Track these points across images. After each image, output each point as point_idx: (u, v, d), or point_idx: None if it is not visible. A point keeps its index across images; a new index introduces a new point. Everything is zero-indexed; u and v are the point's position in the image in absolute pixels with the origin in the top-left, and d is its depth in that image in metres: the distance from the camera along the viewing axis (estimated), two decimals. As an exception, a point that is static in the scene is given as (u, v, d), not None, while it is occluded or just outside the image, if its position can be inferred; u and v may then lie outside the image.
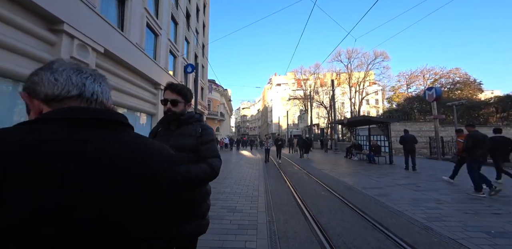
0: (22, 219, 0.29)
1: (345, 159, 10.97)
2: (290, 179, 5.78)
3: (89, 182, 0.35)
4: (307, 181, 5.69)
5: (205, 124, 1.29)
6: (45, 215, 0.30)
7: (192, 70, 7.52)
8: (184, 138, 1.18)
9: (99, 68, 6.60)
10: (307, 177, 6.17)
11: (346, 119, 10.57)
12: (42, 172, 0.32)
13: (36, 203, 0.30)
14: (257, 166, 8.49)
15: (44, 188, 0.31)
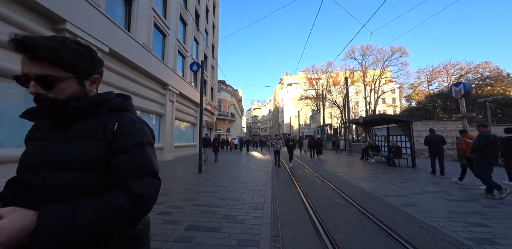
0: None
1: (361, 161, 10.21)
2: (301, 183, 5.30)
3: None
4: (319, 186, 5.17)
5: (128, 116, 0.70)
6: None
7: (197, 68, 7.29)
8: (76, 145, 0.62)
9: (104, 68, 6.55)
10: (319, 181, 5.65)
11: (362, 118, 9.82)
12: None
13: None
14: (266, 168, 8.07)
15: None
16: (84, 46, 0.68)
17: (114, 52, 6.69)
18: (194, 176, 6.15)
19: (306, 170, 7.74)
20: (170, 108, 11.04)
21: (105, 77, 6.51)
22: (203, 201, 3.71)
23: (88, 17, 5.62)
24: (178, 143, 12.66)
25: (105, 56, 6.48)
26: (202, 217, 2.97)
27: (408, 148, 8.11)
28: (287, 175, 6.77)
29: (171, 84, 10.80)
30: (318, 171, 7.48)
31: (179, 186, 4.87)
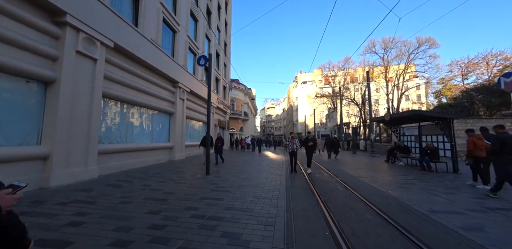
0: None
1: (386, 164, 9.09)
2: (320, 191, 4.56)
3: None
4: (342, 194, 4.39)
5: None
6: None
7: (205, 62, 6.81)
8: None
9: (109, 64, 6.32)
10: (341, 189, 4.85)
11: (388, 115, 8.69)
12: None
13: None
14: (279, 171, 7.39)
15: None
16: None
17: (119, 47, 6.43)
18: (201, 179, 5.66)
19: (325, 173, 6.93)
20: (181, 107, 10.77)
21: (110, 73, 6.27)
22: (204, 211, 3.16)
23: (91, 10, 5.35)
24: (190, 142, 12.41)
25: (110, 51, 6.23)
26: (199, 234, 2.40)
27: (447, 150, 6.93)
28: (303, 179, 6.04)
29: (181, 82, 10.51)
30: (338, 174, 6.64)
31: (183, 190, 4.39)
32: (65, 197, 3.75)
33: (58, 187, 4.41)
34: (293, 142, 7.13)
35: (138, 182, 5.04)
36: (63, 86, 4.70)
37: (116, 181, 5.16)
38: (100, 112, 5.77)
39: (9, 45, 3.97)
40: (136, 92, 7.55)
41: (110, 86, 6.34)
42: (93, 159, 5.39)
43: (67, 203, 3.38)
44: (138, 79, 7.70)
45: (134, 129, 7.75)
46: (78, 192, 4.07)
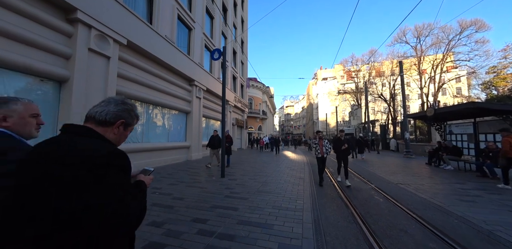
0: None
1: (429, 167, 7.77)
2: (354, 201, 3.78)
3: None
4: (384, 207, 3.57)
5: None
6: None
7: (219, 56, 6.37)
8: None
9: (122, 62, 6.18)
10: (381, 200, 4.00)
11: (432, 110, 7.38)
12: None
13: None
14: (301, 173, 6.67)
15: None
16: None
17: (133, 44, 6.27)
18: (215, 182, 5.22)
19: (355, 178, 6.03)
20: (197, 105, 10.56)
21: (124, 71, 6.14)
22: (214, 225, 2.64)
23: (102, 6, 5.20)
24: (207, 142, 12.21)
25: (123, 49, 6.09)
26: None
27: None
28: (331, 185, 5.26)
29: (197, 80, 10.29)
30: (371, 179, 5.71)
31: (193, 195, 3.95)
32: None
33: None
34: (322, 144, 5.21)
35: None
36: (76, 84, 4.58)
37: (129, 182, 4.94)
38: (114, 111, 5.64)
39: (22, 44, 3.89)
40: (151, 91, 7.41)
41: (124, 84, 6.22)
42: (107, 159, 5.26)
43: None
44: (153, 78, 7.56)
45: (150, 129, 7.64)
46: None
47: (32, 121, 0.94)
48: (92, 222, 0.56)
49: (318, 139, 5.40)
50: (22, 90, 4.03)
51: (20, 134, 0.90)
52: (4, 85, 3.82)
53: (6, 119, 0.87)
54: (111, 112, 0.76)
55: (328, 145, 5.34)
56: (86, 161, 0.59)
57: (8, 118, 0.87)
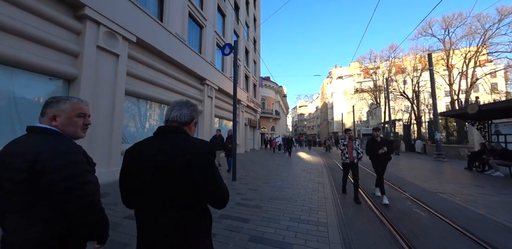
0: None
1: (471, 173, 6.75)
2: (388, 215, 3.18)
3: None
4: (429, 224, 2.93)
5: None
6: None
7: (230, 51, 6.02)
8: None
9: (132, 59, 6.04)
10: (423, 213, 3.33)
11: (475, 106, 6.38)
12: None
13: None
14: (319, 177, 6.09)
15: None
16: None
17: (142, 42, 6.11)
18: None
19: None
20: (209, 105, 10.33)
21: (134, 70, 5.99)
22: (221, 241, 2.24)
23: (111, 2, 5.06)
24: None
25: (133, 46, 5.95)
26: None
27: None
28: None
29: (209, 79, 10.06)
30: (403, 187, 4.98)
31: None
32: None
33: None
34: (352, 146, 4.09)
35: (157, 188, 4.48)
36: (84, 83, 4.44)
37: (137, 184, 4.72)
38: (123, 110, 5.49)
39: (30, 41, 3.79)
40: (161, 90, 7.24)
41: (134, 83, 6.07)
42: (116, 159, 5.09)
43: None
44: (164, 76, 7.39)
45: (161, 129, 7.48)
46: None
47: (78, 121, 0.94)
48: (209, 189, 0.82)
49: (348, 139, 4.15)
50: (30, 89, 3.93)
51: (67, 133, 0.90)
52: (12, 83, 3.74)
53: (56, 119, 0.89)
54: (188, 115, 0.94)
55: (360, 148, 4.19)
56: (203, 151, 0.83)
57: (57, 118, 0.89)
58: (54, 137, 0.84)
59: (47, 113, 0.88)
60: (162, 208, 0.79)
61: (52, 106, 0.89)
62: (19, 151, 0.78)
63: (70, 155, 0.80)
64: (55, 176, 0.74)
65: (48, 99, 0.91)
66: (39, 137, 0.83)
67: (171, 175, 0.79)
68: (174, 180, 0.79)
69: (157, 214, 0.79)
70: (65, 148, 0.81)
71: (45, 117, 0.88)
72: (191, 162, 0.79)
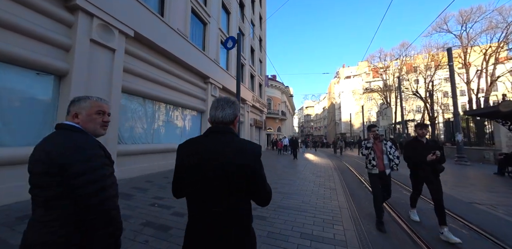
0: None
1: (504, 180, 5.96)
2: (421, 233, 2.63)
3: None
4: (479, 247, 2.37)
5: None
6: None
7: (233, 44, 5.61)
8: None
9: (130, 55, 5.72)
10: (464, 231, 2.75)
11: (510, 102, 5.69)
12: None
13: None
14: (330, 182, 5.56)
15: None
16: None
17: (141, 37, 5.80)
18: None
19: (403, 190, 4.73)
20: (213, 104, 9.96)
21: (132, 66, 5.67)
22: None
23: (107, -7, 4.76)
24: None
25: (131, 42, 5.63)
26: None
27: None
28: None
29: (212, 77, 9.70)
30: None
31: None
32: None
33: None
34: (381, 149, 2.92)
35: (152, 193, 4.09)
36: (75, 78, 4.13)
37: (131, 188, 4.35)
38: (119, 109, 5.16)
39: (15, 33, 3.50)
40: (162, 88, 6.91)
41: (132, 80, 5.75)
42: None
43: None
44: (164, 74, 7.07)
45: (161, 129, 7.15)
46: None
47: (97, 118, 0.96)
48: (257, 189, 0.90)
49: (373, 139, 2.89)
50: (14, 84, 3.64)
51: (88, 130, 0.93)
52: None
53: (77, 116, 0.93)
54: (231, 114, 0.98)
55: (393, 152, 2.89)
56: (256, 153, 0.91)
57: (79, 115, 0.93)
58: (76, 133, 0.88)
59: (70, 111, 0.94)
60: (215, 203, 0.85)
61: (74, 104, 0.94)
62: (44, 147, 0.82)
63: (89, 151, 0.83)
64: (74, 171, 0.77)
65: (74, 98, 0.96)
66: (62, 133, 0.87)
67: (226, 174, 0.84)
68: (228, 178, 0.84)
69: (210, 209, 0.85)
70: (85, 144, 0.84)
71: (69, 115, 0.93)
72: (245, 163, 0.86)
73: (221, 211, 0.84)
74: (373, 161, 2.87)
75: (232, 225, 0.84)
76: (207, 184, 0.85)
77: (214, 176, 0.84)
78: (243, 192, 0.86)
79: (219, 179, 0.84)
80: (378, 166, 2.86)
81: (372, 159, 2.88)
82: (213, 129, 0.96)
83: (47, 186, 0.77)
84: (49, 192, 0.77)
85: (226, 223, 0.83)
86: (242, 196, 0.87)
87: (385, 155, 2.89)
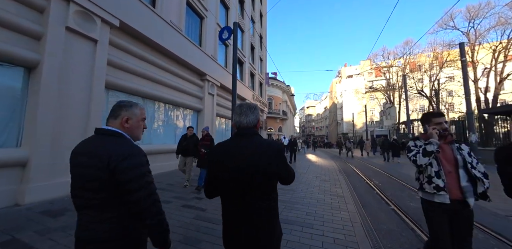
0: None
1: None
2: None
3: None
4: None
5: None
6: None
7: (229, 35, 5.08)
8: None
9: (117, 48, 5.21)
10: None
11: None
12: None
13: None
14: (337, 188, 5.01)
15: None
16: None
17: (129, 28, 5.29)
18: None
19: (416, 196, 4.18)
20: (210, 103, 9.44)
21: (117, 59, 5.15)
22: None
23: (87, -23, 4.25)
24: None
25: (116, 32, 5.12)
26: None
27: None
28: (388, 210, 3.55)
29: (210, 74, 9.17)
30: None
31: (184, 224, 2.61)
32: (17, 222, 2.46)
33: (36, 203, 3.28)
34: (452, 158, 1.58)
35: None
36: (47, 71, 3.62)
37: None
38: (103, 106, 4.64)
39: None
40: (153, 84, 6.40)
41: (118, 74, 5.23)
42: (91, 165, 4.25)
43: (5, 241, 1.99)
44: (156, 69, 6.55)
45: (152, 129, 6.63)
46: (44, 217, 2.78)
47: (142, 124, 1.04)
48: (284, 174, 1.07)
49: (437, 137, 1.58)
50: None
51: (133, 135, 1.00)
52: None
53: (128, 121, 0.98)
54: (254, 119, 1.11)
55: (478, 163, 1.58)
56: (278, 149, 1.04)
57: (129, 120, 0.98)
58: (122, 139, 0.94)
59: (121, 115, 0.97)
60: (251, 197, 0.99)
61: (127, 109, 0.99)
62: (93, 152, 0.87)
63: (138, 157, 0.89)
64: (126, 176, 0.84)
65: (120, 103, 1.00)
66: (113, 139, 0.92)
67: (259, 170, 0.98)
68: (261, 173, 0.98)
69: (245, 202, 0.99)
70: (133, 150, 0.90)
71: (117, 118, 0.97)
72: (272, 158, 1.01)
73: (254, 208, 0.98)
74: (436, 179, 1.56)
75: (265, 212, 0.99)
76: (241, 181, 0.98)
77: (246, 173, 0.97)
78: (271, 185, 1.03)
79: (251, 175, 0.97)
80: (449, 191, 1.52)
81: (434, 175, 1.57)
82: (240, 132, 1.09)
83: (100, 189, 0.84)
84: (102, 194, 0.84)
85: (258, 221, 0.98)
86: (271, 189, 1.02)
87: (461, 169, 1.55)
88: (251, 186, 0.97)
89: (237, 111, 1.11)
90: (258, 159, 0.97)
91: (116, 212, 0.84)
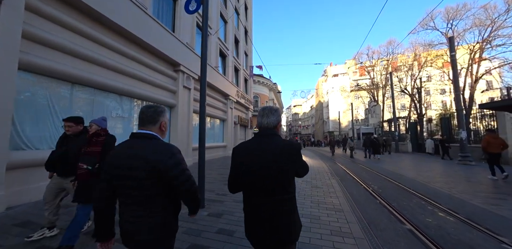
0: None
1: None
2: None
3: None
4: None
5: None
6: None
7: (197, 6, 3.99)
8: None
9: (76, 34, 3.93)
10: None
11: None
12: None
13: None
14: (332, 197, 4.20)
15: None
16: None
17: (89, 9, 4.01)
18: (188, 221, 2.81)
19: (422, 201, 3.44)
20: (185, 97, 8.26)
21: (68, 43, 3.87)
22: None
23: None
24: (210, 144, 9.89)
25: (78, 16, 3.82)
26: None
27: None
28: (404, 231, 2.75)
29: (185, 65, 7.99)
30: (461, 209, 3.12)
31: None
32: None
33: None
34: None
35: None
36: None
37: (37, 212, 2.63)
38: (14, 95, 3.37)
39: None
40: (108, 72, 5.14)
41: (68, 60, 3.94)
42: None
43: None
44: (116, 55, 5.29)
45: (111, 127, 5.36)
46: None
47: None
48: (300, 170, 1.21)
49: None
50: None
51: (163, 136, 1.17)
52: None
53: (164, 126, 1.17)
54: (275, 120, 1.22)
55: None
56: (297, 148, 1.15)
57: (164, 124, 1.17)
58: (159, 141, 1.10)
59: (159, 120, 1.13)
60: (272, 195, 1.08)
61: (164, 115, 1.16)
62: (138, 154, 1.01)
63: (178, 155, 1.07)
64: (175, 172, 1.02)
65: (156, 108, 1.14)
66: (147, 141, 1.06)
67: (280, 167, 1.09)
68: (281, 170, 1.09)
69: (267, 200, 1.09)
70: (173, 149, 1.07)
71: (156, 124, 1.12)
72: (292, 157, 1.12)
73: (275, 205, 1.09)
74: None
75: (286, 206, 1.10)
76: (263, 177, 1.09)
77: (268, 170, 1.09)
78: (291, 182, 1.13)
79: (272, 172, 1.08)
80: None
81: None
82: (261, 133, 1.23)
83: (148, 187, 0.99)
84: (149, 191, 1.00)
85: (282, 205, 1.09)
86: (291, 185, 1.13)
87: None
88: (272, 182, 1.08)
89: (260, 113, 1.25)
90: (279, 158, 1.09)
91: (159, 207, 1.02)
